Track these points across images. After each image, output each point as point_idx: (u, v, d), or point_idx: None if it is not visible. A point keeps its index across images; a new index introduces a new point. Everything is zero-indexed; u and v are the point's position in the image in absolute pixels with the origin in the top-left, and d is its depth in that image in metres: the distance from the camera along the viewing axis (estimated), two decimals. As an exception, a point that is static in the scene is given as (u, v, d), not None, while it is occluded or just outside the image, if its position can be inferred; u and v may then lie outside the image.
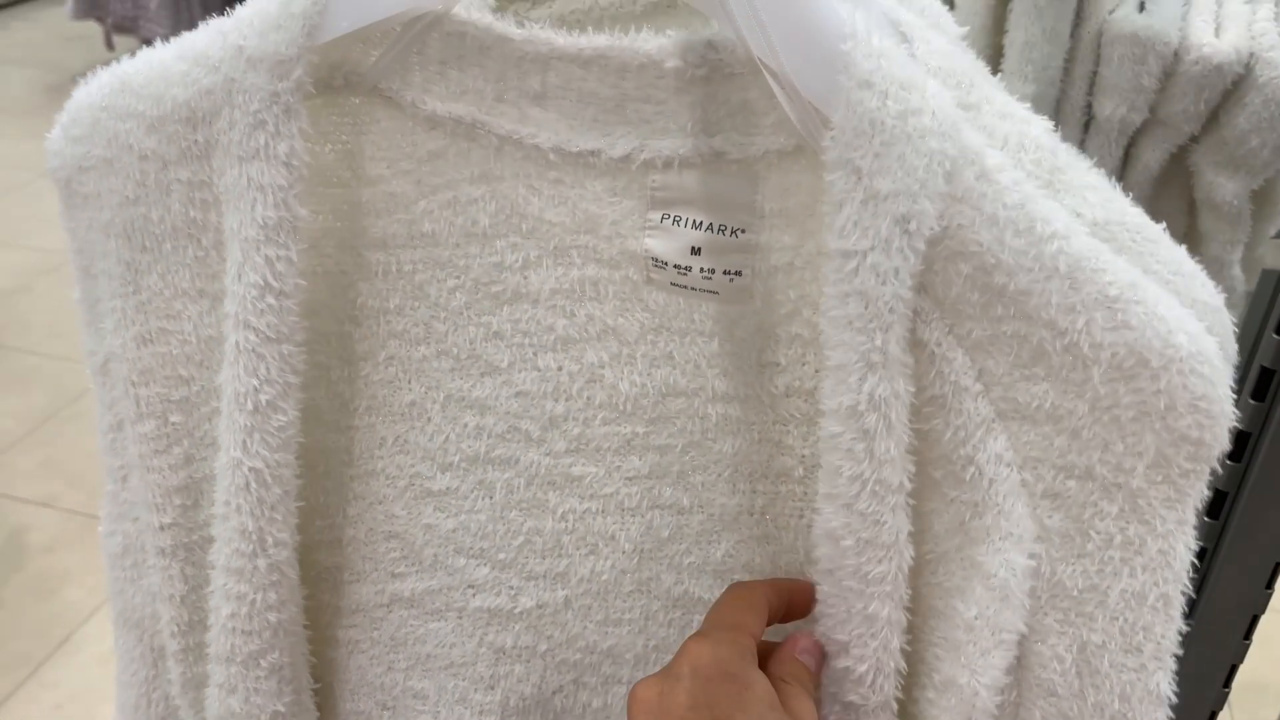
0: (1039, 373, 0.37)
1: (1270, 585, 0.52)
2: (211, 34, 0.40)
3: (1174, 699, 0.41)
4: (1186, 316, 0.36)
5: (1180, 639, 0.40)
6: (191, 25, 0.43)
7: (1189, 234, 0.84)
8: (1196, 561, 0.42)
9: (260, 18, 0.39)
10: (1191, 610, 0.53)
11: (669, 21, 0.44)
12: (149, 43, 0.44)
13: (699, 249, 0.40)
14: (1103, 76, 0.78)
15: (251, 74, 0.39)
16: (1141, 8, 0.77)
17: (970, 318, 0.36)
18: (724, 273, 0.41)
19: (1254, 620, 0.53)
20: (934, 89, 0.34)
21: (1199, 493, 0.38)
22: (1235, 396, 0.37)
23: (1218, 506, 0.52)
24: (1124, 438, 0.37)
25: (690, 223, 0.40)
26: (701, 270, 0.41)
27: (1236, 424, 0.37)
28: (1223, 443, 0.37)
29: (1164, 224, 0.39)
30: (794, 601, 0.42)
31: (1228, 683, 0.54)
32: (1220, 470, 0.38)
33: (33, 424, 1.92)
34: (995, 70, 0.81)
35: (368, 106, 0.42)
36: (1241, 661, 0.54)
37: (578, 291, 0.43)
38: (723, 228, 0.40)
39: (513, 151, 0.41)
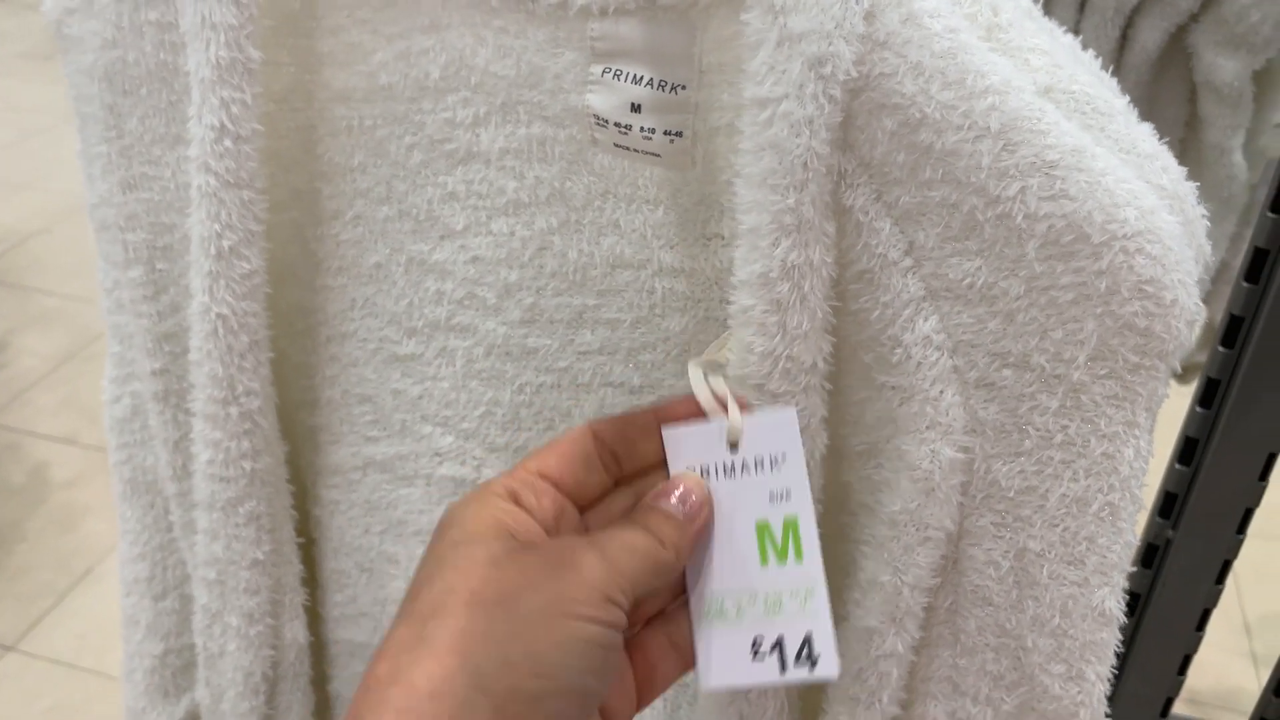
0: (971, 247, 0.34)
1: (1264, 477, 0.47)
2: None
3: (1123, 619, 0.38)
4: (1141, 191, 0.32)
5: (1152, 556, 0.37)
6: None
7: (1190, 120, 0.78)
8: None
9: None
10: (1184, 503, 0.49)
11: None
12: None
13: (639, 106, 0.39)
14: (1094, -47, 0.72)
15: None
16: None
17: (898, 182, 0.34)
18: (664, 133, 0.39)
19: (1248, 513, 0.49)
20: (859, -78, 0.31)
21: (1152, 394, 0.35)
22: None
23: (1211, 394, 0.47)
24: (1063, 323, 0.34)
25: (630, 77, 0.38)
26: (642, 130, 0.39)
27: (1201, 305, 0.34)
28: (1177, 336, 0.33)
29: (1164, 109, 0.35)
30: (629, 438, 0.37)
31: (1221, 579, 0.50)
32: (1180, 370, 0.35)
33: (54, 363, 1.96)
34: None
35: (326, -49, 0.42)
36: (1235, 556, 0.50)
37: (526, 151, 0.42)
38: (663, 83, 0.38)
39: (458, -2, 0.40)
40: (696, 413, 0.37)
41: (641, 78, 0.38)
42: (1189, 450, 0.48)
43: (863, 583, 0.39)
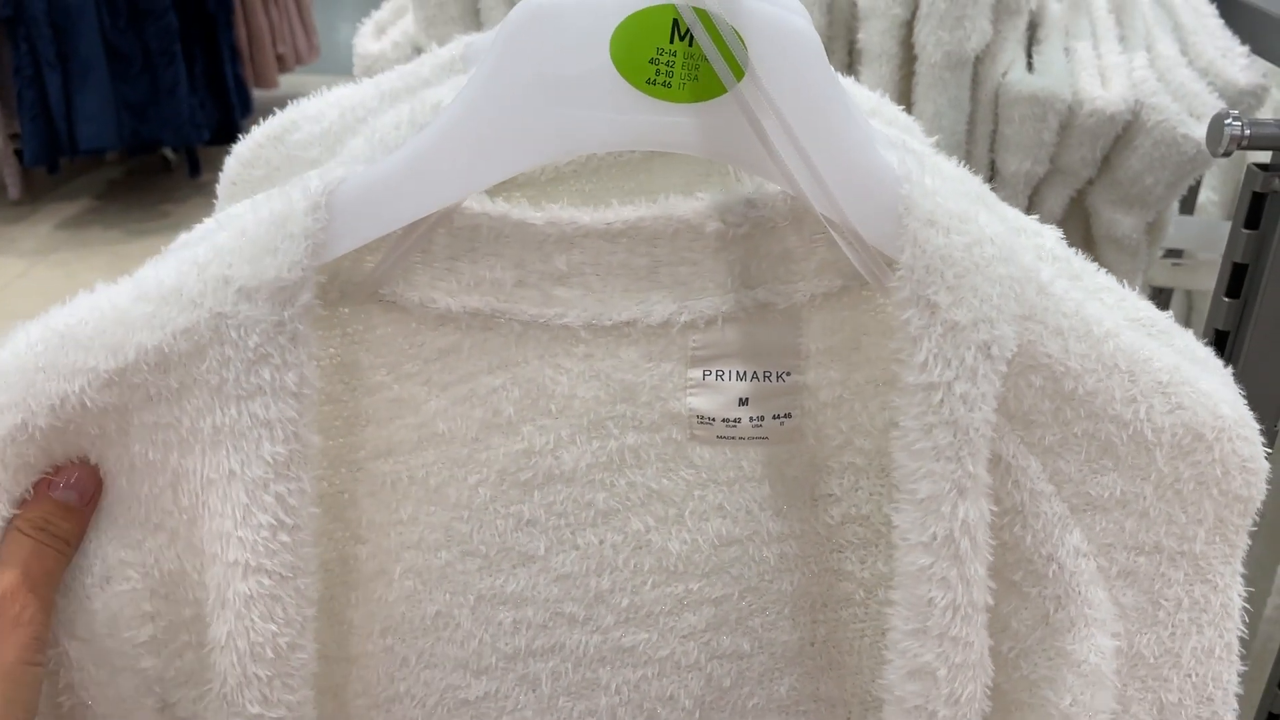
0: (1108, 464, 0.38)
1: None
2: (181, 267, 0.35)
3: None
4: (1220, 386, 0.39)
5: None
6: None
7: (1089, 267, 0.91)
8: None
9: (249, 244, 0.34)
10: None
11: (676, 168, 0.42)
12: None
13: (746, 399, 0.39)
14: (1004, 135, 0.83)
15: (246, 305, 0.34)
16: (1030, 68, 0.83)
17: (1041, 425, 0.37)
18: (774, 417, 0.40)
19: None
20: (985, 217, 0.35)
21: (1245, 540, 0.41)
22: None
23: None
24: (1185, 508, 0.39)
25: (734, 375, 0.39)
26: (751, 419, 0.39)
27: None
28: (1263, 493, 0.40)
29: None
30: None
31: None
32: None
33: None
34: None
35: (362, 314, 0.38)
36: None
37: (616, 462, 0.41)
38: (768, 374, 0.39)
39: (538, 335, 0.38)
40: None
41: (745, 373, 0.39)
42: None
43: (1044, 775, 0.42)
